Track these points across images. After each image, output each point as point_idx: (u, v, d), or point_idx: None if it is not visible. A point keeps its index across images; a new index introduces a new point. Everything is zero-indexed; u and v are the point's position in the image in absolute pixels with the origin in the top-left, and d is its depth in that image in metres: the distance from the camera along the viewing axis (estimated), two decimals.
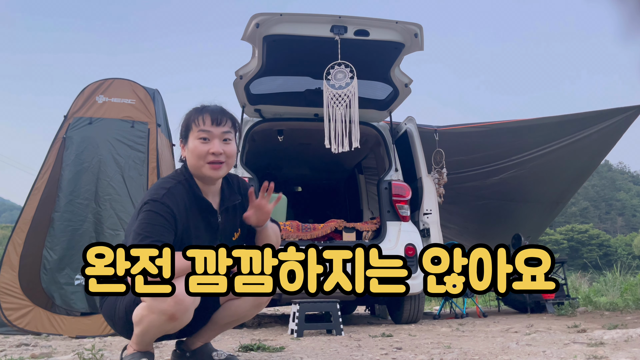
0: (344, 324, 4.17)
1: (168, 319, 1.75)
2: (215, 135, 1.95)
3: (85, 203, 4.27)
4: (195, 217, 1.96)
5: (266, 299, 2.06)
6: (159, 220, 1.81)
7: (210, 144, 1.95)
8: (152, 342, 1.94)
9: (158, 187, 1.92)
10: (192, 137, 1.96)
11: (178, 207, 1.88)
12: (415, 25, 4.11)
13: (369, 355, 2.43)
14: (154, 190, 1.91)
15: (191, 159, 1.96)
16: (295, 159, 6.34)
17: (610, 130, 6.12)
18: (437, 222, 4.89)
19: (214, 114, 1.97)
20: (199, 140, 1.95)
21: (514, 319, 5.10)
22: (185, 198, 1.93)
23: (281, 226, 4.44)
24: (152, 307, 1.75)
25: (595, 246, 40.69)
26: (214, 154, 1.94)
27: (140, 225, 1.79)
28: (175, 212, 1.86)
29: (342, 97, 4.14)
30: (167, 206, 1.84)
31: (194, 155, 1.95)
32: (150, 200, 1.85)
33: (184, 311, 1.76)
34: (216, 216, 2.03)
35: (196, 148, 1.94)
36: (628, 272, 10.17)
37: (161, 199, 1.85)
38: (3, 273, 4.06)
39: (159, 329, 1.80)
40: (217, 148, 1.94)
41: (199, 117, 1.97)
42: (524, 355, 2.27)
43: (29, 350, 2.88)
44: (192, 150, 1.95)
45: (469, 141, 6.26)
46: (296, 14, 4.06)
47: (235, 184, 2.15)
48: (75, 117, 4.52)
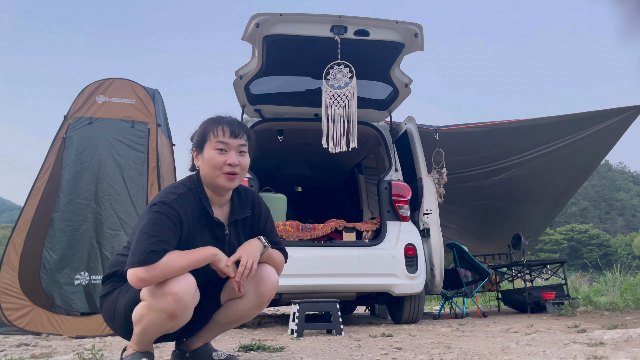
0: (344, 324, 4.18)
1: (168, 317, 1.76)
2: (232, 147, 1.97)
3: (85, 203, 4.27)
4: (202, 227, 1.96)
5: (268, 298, 2.05)
6: (165, 222, 1.81)
7: (227, 155, 1.96)
8: (151, 342, 1.94)
9: (169, 192, 1.93)
10: (209, 147, 1.97)
11: (186, 213, 1.89)
12: (415, 25, 4.11)
13: (369, 355, 2.43)
14: (164, 193, 1.92)
15: (206, 168, 1.97)
16: (295, 159, 6.34)
17: (610, 130, 6.12)
18: (437, 222, 4.89)
19: (232, 126, 1.99)
20: (216, 151, 1.96)
21: (514, 319, 5.10)
22: (194, 207, 1.94)
23: (281, 226, 4.48)
24: (152, 306, 1.76)
25: (595, 246, 40.70)
26: (231, 165, 1.95)
27: (147, 225, 1.80)
28: (183, 218, 1.87)
29: (341, 97, 4.14)
30: (175, 210, 1.85)
31: (210, 165, 1.95)
32: (160, 202, 1.86)
33: (183, 309, 1.77)
34: (223, 229, 2.02)
35: (213, 158, 1.95)
36: (628, 272, 10.16)
37: (170, 203, 1.86)
38: (3, 273, 4.06)
39: (158, 327, 1.81)
40: (234, 159, 1.96)
41: (217, 128, 1.98)
42: (524, 355, 2.27)
43: (29, 350, 2.88)
44: (208, 161, 1.96)
45: (469, 141, 6.26)
46: (296, 14, 4.06)
47: (249, 198, 2.14)
48: (75, 117, 4.52)
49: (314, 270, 4.26)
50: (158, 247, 1.75)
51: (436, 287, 4.81)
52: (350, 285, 4.33)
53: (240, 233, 2.08)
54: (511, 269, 6.95)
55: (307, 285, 4.24)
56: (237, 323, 2.12)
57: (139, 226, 1.82)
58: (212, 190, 2.00)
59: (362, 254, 4.36)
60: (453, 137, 5.97)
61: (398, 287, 4.32)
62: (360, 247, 4.41)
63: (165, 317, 1.76)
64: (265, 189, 5.07)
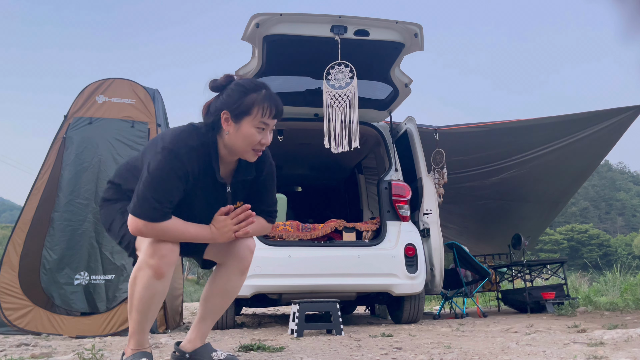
0: (344, 324, 4.17)
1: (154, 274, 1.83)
2: (270, 126, 1.93)
3: (85, 203, 4.27)
4: (206, 184, 1.95)
5: (248, 261, 2.08)
6: (174, 178, 1.82)
7: (263, 133, 1.92)
8: (146, 333, 1.95)
9: (181, 140, 1.86)
10: (249, 122, 1.89)
11: (193, 168, 1.87)
12: (415, 25, 4.11)
13: (369, 355, 2.43)
14: (177, 139, 1.85)
15: (239, 141, 1.90)
16: (295, 159, 6.34)
17: (610, 130, 6.12)
18: (437, 222, 4.89)
19: (279, 106, 1.94)
20: (256, 129, 1.90)
21: (514, 319, 5.10)
22: (202, 163, 1.91)
23: (281, 226, 4.48)
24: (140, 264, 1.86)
25: (595, 246, 40.75)
26: (264, 144, 1.93)
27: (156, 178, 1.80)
28: (189, 173, 1.86)
29: (342, 97, 4.14)
30: (183, 165, 1.83)
31: (245, 141, 1.90)
32: (172, 153, 1.82)
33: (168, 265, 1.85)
34: (226, 188, 2.02)
35: (252, 136, 1.89)
36: (628, 272, 10.15)
37: (182, 157, 1.82)
38: (3, 273, 4.06)
39: (149, 289, 1.85)
40: (269, 140, 1.93)
41: (264, 105, 1.89)
42: (524, 355, 2.27)
43: (29, 350, 2.87)
44: (245, 136, 1.89)
45: (469, 141, 6.26)
46: (296, 14, 4.05)
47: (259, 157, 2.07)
48: (75, 117, 4.52)
49: (314, 270, 4.26)
50: (163, 208, 1.80)
51: (436, 287, 4.81)
52: (350, 285, 4.33)
53: (240, 192, 2.08)
54: (511, 269, 6.96)
55: (307, 285, 4.24)
56: (225, 299, 2.12)
57: (149, 171, 1.81)
58: (230, 153, 1.96)
59: (362, 254, 4.36)
60: (453, 137, 5.97)
61: (398, 287, 4.32)
62: (360, 247, 4.41)
63: (152, 273, 1.83)
64: None
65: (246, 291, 4.08)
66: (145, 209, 1.79)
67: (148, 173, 1.82)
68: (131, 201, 1.84)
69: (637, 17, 1.12)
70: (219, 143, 1.95)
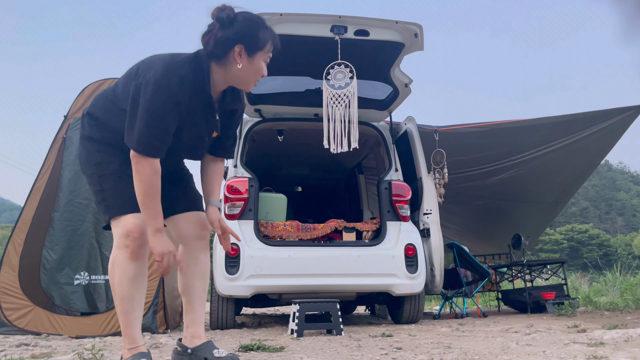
0: (344, 324, 4.17)
1: (130, 255, 1.89)
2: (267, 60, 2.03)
3: (85, 203, 4.27)
4: (196, 111, 1.96)
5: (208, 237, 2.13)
6: (168, 113, 1.83)
7: (264, 66, 2.00)
8: (136, 323, 1.95)
9: (171, 70, 1.85)
10: (261, 56, 1.97)
11: (184, 95, 1.87)
12: (415, 25, 4.11)
13: (369, 355, 2.43)
14: (167, 70, 1.85)
15: (248, 74, 1.96)
16: (295, 159, 6.34)
17: (610, 130, 6.12)
18: (437, 222, 4.89)
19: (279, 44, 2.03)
20: (265, 63, 2.00)
21: (514, 319, 5.10)
22: (195, 87, 1.91)
23: (281, 226, 4.48)
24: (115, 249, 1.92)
25: (595, 246, 40.74)
26: (264, 76, 2.01)
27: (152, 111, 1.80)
28: (182, 102, 1.87)
29: (342, 97, 4.14)
30: (177, 97, 1.84)
31: (254, 74, 1.98)
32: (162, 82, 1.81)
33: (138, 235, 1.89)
34: (215, 115, 2.05)
35: (261, 69, 1.99)
36: (628, 272, 10.17)
37: (173, 87, 1.83)
38: (3, 273, 4.06)
39: (126, 272, 1.89)
40: (266, 72, 2.01)
41: (273, 40, 2.00)
42: (524, 355, 2.27)
43: (29, 350, 2.88)
44: (256, 69, 1.97)
45: (469, 141, 6.26)
46: (296, 13, 4.05)
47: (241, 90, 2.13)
48: (75, 117, 4.52)
49: (314, 270, 4.26)
50: (159, 144, 1.84)
51: (436, 287, 4.81)
52: (350, 285, 4.33)
53: (222, 120, 2.11)
54: (511, 269, 6.95)
55: (307, 285, 4.24)
56: (205, 278, 2.15)
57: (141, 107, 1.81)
58: (228, 82, 2.00)
59: (362, 254, 4.36)
60: (453, 137, 5.97)
61: (398, 287, 4.32)
62: (360, 247, 4.41)
63: (127, 254, 1.89)
64: (265, 189, 5.06)
65: (246, 291, 4.08)
66: (145, 143, 1.81)
67: (146, 109, 1.81)
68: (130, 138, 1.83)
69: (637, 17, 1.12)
70: (216, 72, 1.97)
